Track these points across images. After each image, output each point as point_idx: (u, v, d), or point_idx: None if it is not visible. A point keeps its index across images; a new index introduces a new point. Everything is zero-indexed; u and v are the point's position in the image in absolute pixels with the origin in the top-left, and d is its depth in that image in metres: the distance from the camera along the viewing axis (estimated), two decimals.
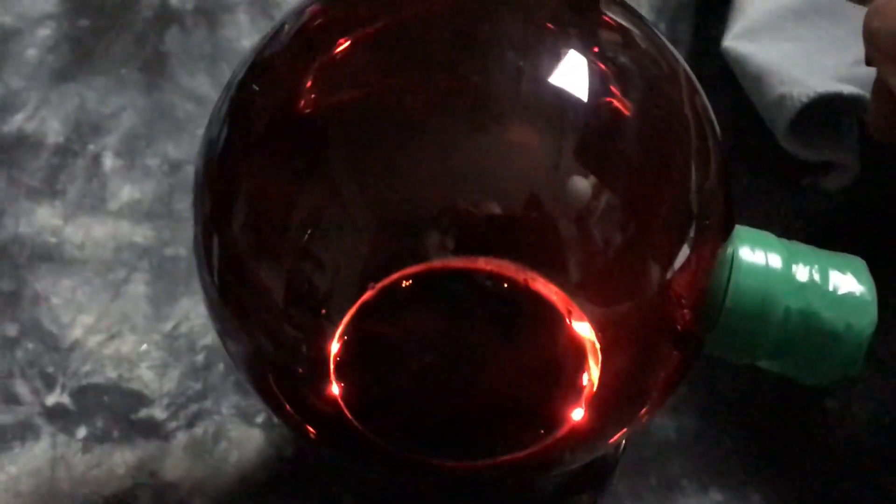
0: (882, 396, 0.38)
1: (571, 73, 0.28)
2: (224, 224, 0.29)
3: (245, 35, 0.48)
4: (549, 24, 0.29)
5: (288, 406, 0.30)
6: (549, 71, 0.28)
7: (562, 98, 0.28)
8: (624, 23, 0.29)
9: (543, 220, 0.27)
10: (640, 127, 0.28)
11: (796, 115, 0.40)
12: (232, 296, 0.29)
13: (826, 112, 0.41)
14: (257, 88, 0.29)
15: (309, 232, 0.28)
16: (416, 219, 0.27)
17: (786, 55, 0.44)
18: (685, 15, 0.48)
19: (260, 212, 0.29)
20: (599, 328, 0.28)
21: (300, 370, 0.29)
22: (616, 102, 0.28)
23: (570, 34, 0.29)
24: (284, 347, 0.29)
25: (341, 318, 0.28)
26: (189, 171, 0.44)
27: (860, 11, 0.45)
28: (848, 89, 0.40)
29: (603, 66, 0.28)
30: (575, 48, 0.28)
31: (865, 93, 0.41)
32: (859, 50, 0.43)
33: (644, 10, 0.48)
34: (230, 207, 0.29)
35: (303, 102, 0.29)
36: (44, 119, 0.45)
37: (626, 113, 0.28)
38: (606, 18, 0.29)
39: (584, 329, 0.27)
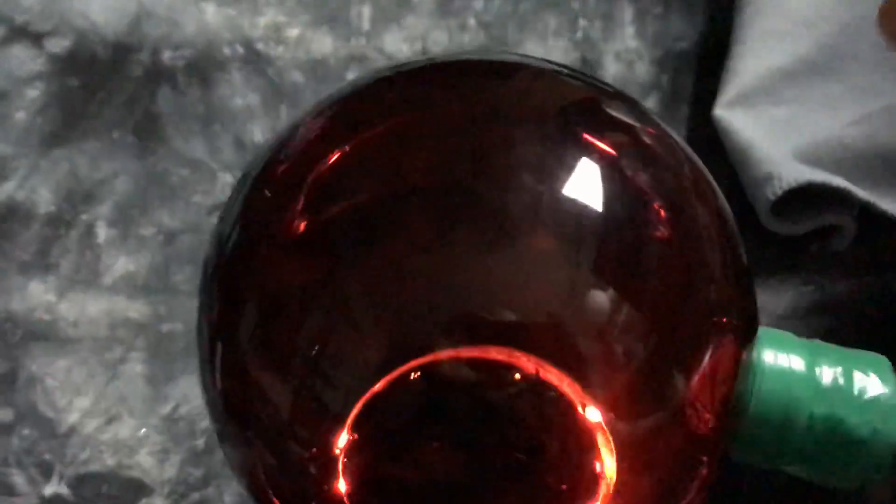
0: None
1: (583, 182, 0.27)
2: (232, 330, 0.28)
3: (238, 93, 0.47)
4: (558, 132, 0.28)
5: None
6: (561, 180, 0.27)
7: (576, 208, 0.27)
8: (632, 122, 0.29)
9: (561, 335, 0.26)
10: (656, 233, 0.28)
11: (782, 195, 0.39)
12: (235, 401, 0.29)
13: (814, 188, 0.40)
14: (269, 195, 0.28)
15: (317, 347, 0.27)
16: (428, 331, 0.27)
17: (778, 121, 0.43)
18: (687, 68, 0.47)
19: (269, 322, 0.28)
20: (616, 435, 0.27)
21: (305, 473, 0.28)
22: (632, 211, 0.28)
23: (579, 141, 0.28)
24: (289, 455, 0.28)
25: (348, 417, 0.27)
26: (185, 241, 0.43)
27: (856, 68, 0.45)
28: (837, 181, 0.39)
29: (616, 174, 0.28)
30: (587, 156, 0.28)
31: (854, 187, 0.40)
32: (855, 108, 0.43)
33: (645, 64, 0.47)
34: (238, 315, 0.28)
35: (314, 212, 0.28)
36: (34, 187, 0.44)
37: (643, 220, 0.28)
38: (614, 120, 0.29)
39: (596, 419, 0.26)
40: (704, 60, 0.47)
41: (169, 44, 0.48)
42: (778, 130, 0.43)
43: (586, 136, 0.28)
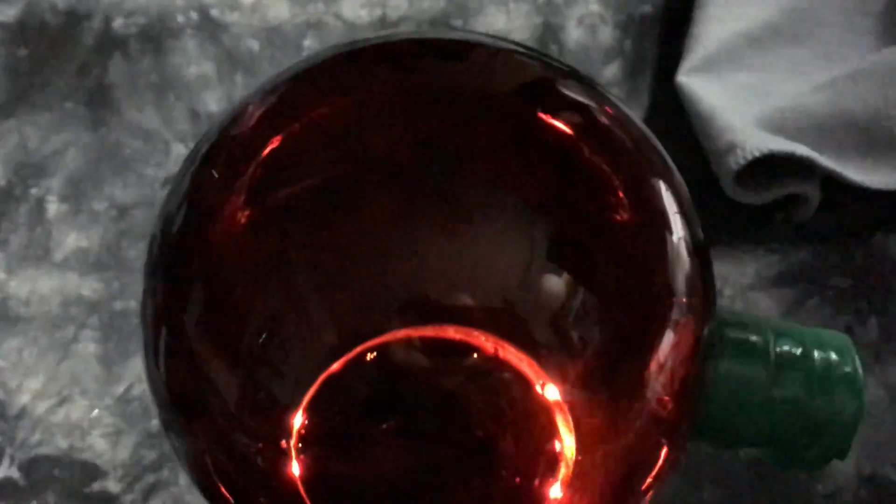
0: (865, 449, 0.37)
1: (539, 163, 0.27)
2: (177, 313, 0.28)
3: (193, 62, 0.46)
4: (513, 113, 0.27)
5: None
6: (517, 161, 0.27)
7: (532, 189, 0.26)
8: (585, 101, 0.28)
9: (518, 315, 0.26)
10: (613, 214, 0.27)
11: (744, 165, 0.39)
12: (180, 388, 0.28)
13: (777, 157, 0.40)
14: (217, 175, 0.28)
15: (267, 331, 0.26)
16: (384, 311, 0.26)
17: (743, 87, 0.42)
18: (651, 33, 0.46)
19: (216, 306, 0.27)
20: (575, 408, 0.27)
21: (255, 461, 0.28)
22: (589, 192, 0.27)
23: (535, 122, 0.27)
24: (238, 443, 0.27)
25: (302, 400, 0.26)
26: (137, 216, 0.42)
27: (821, 33, 0.44)
28: (801, 150, 0.39)
29: (573, 155, 0.27)
30: (543, 136, 0.27)
31: (818, 156, 0.39)
32: (820, 74, 0.42)
33: (608, 29, 0.46)
34: (184, 298, 0.28)
35: (263, 193, 0.27)
36: None
37: (599, 201, 0.27)
38: (569, 101, 0.28)
39: (556, 398, 0.26)
40: (668, 25, 0.46)
41: (121, 11, 0.47)
42: (742, 97, 0.42)
43: (542, 116, 0.28)
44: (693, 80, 0.42)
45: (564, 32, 0.46)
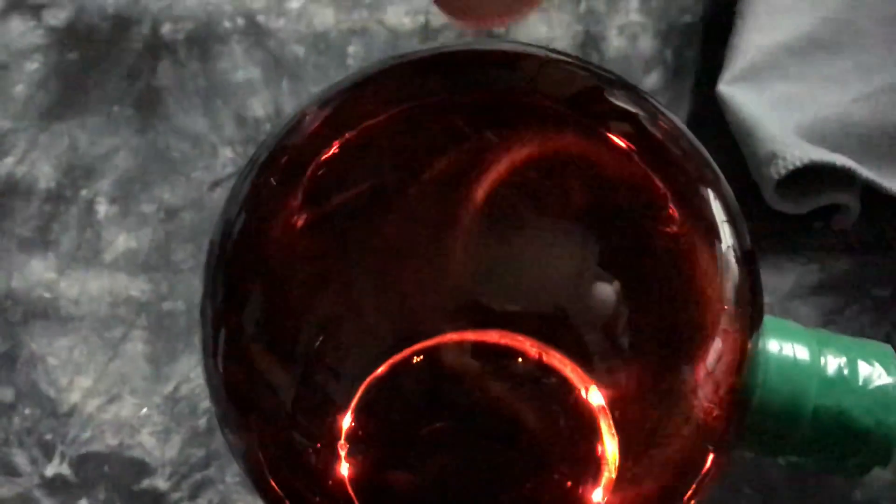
0: None
1: (591, 172, 0.27)
2: (235, 316, 0.29)
3: (240, 67, 0.46)
4: (566, 123, 0.28)
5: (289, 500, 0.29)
6: (570, 170, 0.27)
7: (584, 198, 0.27)
8: (636, 111, 0.29)
9: (564, 322, 0.26)
10: (663, 224, 0.28)
11: (785, 175, 0.39)
12: (237, 387, 0.29)
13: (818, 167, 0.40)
14: (275, 182, 0.28)
15: (321, 333, 0.27)
16: (432, 315, 0.27)
17: (783, 97, 0.43)
18: (691, 42, 0.47)
19: (273, 309, 0.28)
20: (620, 415, 0.27)
21: (307, 458, 0.28)
22: (640, 202, 0.28)
23: (588, 132, 0.28)
24: (291, 441, 0.28)
25: (351, 402, 0.27)
26: (186, 218, 0.43)
27: (861, 44, 0.44)
28: (841, 160, 0.39)
29: (624, 164, 0.28)
30: (595, 146, 0.28)
31: (858, 166, 0.40)
32: (860, 85, 0.43)
33: (649, 38, 0.47)
34: (242, 301, 0.28)
35: (319, 201, 0.28)
36: (34, 163, 0.44)
37: (650, 212, 0.28)
38: (620, 111, 0.29)
39: (600, 403, 0.27)
40: (709, 35, 0.47)
41: (169, 16, 0.48)
42: (782, 107, 0.43)
43: (594, 126, 0.28)
44: (734, 90, 0.43)
45: (605, 41, 0.46)
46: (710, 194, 0.29)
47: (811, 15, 0.45)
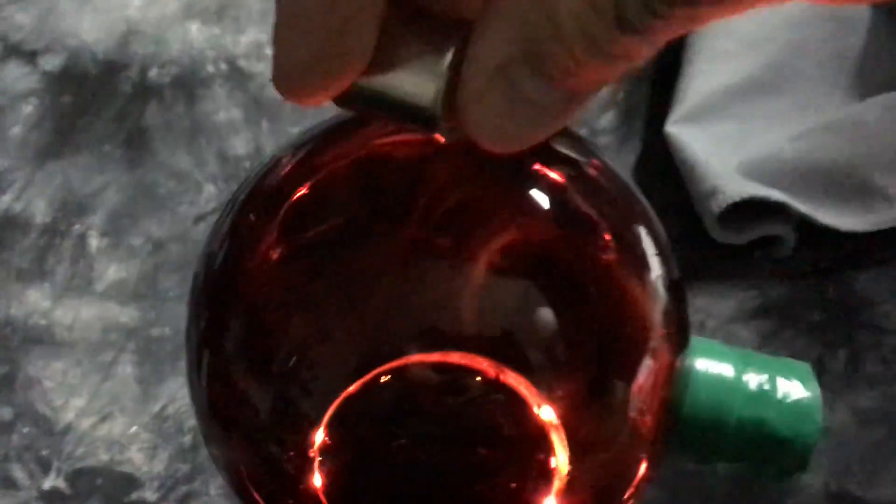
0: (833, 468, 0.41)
1: (535, 208, 0.30)
2: (217, 339, 0.31)
3: (222, 108, 0.50)
4: (511, 164, 0.31)
5: None
6: (516, 207, 0.30)
7: (529, 231, 0.30)
8: (574, 156, 0.32)
9: (516, 343, 0.29)
10: (601, 255, 0.30)
11: (725, 208, 0.43)
12: (219, 404, 0.31)
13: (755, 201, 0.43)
14: (254, 218, 0.31)
15: (295, 355, 0.30)
16: (398, 339, 0.29)
17: (726, 136, 0.46)
18: (643, 85, 0.50)
19: (251, 333, 0.31)
20: (567, 426, 0.30)
21: (283, 470, 0.31)
22: (579, 235, 0.30)
23: (532, 172, 0.31)
24: (269, 454, 0.31)
25: (324, 418, 0.30)
26: (172, 250, 0.46)
27: (798, 85, 0.48)
28: (776, 195, 0.43)
29: (565, 201, 0.31)
30: (538, 186, 0.30)
31: (793, 200, 0.43)
32: (796, 125, 0.46)
33: None
34: (224, 326, 0.31)
35: (293, 234, 0.31)
36: (30, 199, 0.47)
37: (589, 244, 0.30)
38: (561, 155, 0.31)
39: (553, 419, 0.29)
40: (658, 79, 0.50)
41: (156, 61, 0.51)
42: (724, 145, 0.46)
43: (537, 167, 0.31)
44: (680, 130, 0.46)
45: None
46: (642, 230, 0.32)
47: (753, 59, 0.48)
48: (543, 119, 0.24)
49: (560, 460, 0.30)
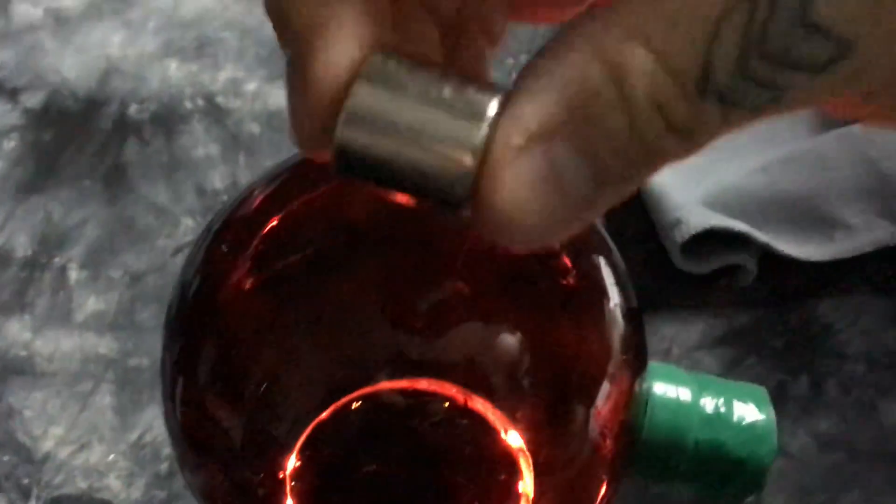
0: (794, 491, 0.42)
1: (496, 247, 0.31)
2: (191, 366, 0.32)
3: (200, 143, 0.51)
4: None
5: None
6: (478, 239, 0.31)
7: (491, 263, 0.31)
8: None
9: (483, 370, 0.30)
10: (563, 283, 0.32)
11: (689, 238, 0.44)
12: (193, 431, 0.32)
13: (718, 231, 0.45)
14: (226, 249, 0.32)
15: (267, 382, 0.31)
16: (369, 367, 0.30)
17: (689, 168, 0.47)
18: None
19: (224, 360, 0.32)
20: (531, 450, 0.31)
21: (256, 495, 0.32)
22: (542, 266, 0.32)
23: None
24: (242, 479, 0.32)
25: (296, 443, 0.31)
26: (150, 282, 0.47)
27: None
28: (738, 225, 0.44)
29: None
30: None
31: (754, 230, 0.44)
32: (758, 157, 0.47)
33: None
34: (197, 354, 0.32)
35: (265, 265, 0.32)
36: (12, 233, 0.48)
37: (551, 274, 0.32)
38: None
39: (519, 443, 0.30)
40: None
41: (135, 98, 0.52)
42: (688, 177, 0.47)
43: None
44: None
45: None
46: (602, 261, 0.33)
47: None
48: (576, 209, 0.20)
49: (527, 483, 0.31)
